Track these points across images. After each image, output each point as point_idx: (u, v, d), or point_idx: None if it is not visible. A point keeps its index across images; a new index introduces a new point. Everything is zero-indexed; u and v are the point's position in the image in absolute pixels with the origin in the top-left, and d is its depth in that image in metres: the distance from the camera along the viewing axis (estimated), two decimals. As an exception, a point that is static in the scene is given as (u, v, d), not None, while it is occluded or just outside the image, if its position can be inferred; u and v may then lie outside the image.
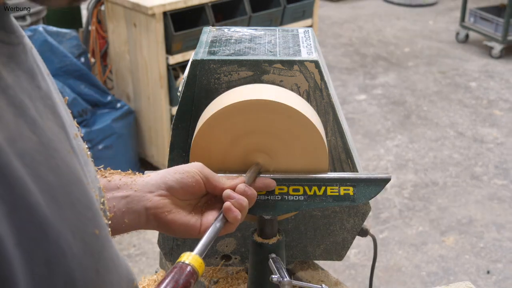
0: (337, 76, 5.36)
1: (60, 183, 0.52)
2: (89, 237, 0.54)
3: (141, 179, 0.93)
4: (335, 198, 1.03)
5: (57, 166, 0.53)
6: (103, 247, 0.57)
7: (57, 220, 0.50)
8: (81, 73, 3.50)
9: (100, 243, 0.56)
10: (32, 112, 0.53)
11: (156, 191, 0.91)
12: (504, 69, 5.47)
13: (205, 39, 1.21)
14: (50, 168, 0.52)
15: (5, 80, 0.51)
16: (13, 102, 0.51)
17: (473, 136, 4.36)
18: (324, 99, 1.13)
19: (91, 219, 0.55)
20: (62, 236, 0.50)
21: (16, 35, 0.56)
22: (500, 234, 3.35)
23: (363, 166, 3.74)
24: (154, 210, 0.90)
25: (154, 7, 3.23)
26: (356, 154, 1.25)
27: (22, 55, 0.56)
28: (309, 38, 1.23)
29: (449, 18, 6.88)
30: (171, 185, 0.91)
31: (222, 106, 1.01)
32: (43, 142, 0.52)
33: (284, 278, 1.00)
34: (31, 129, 0.51)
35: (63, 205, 0.51)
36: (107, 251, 0.58)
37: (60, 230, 0.50)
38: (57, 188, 0.51)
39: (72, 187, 0.54)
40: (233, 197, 0.92)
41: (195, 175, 0.93)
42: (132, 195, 0.90)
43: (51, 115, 0.57)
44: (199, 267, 0.76)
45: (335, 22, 6.79)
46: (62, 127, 0.58)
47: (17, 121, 0.50)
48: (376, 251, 1.27)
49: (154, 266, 3.09)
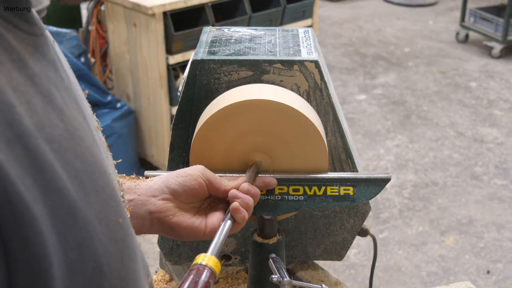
0: (337, 76, 5.36)
1: (86, 170, 0.53)
2: (114, 225, 0.55)
3: (144, 183, 0.93)
4: (335, 198, 1.03)
5: (83, 154, 0.54)
6: (126, 236, 0.57)
7: (84, 205, 0.51)
8: (81, 73, 3.50)
9: (123, 231, 0.57)
10: (59, 100, 0.54)
11: (160, 195, 0.91)
12: (504, 69, 5.47)
13: (205, 39, 1.21)
14: (77, 155, 0.52)
15: (33, 69, 0.53)
16: (41, 90, 0.52)
17: (473, 136, 4.36)
18: (324, 99, 1.13)
19: (114, 207, 0.56)
20: (89, 222, 0.51)
21: (39, 27, 0.57)
22: (500, 234, 3.35)
23: (363, 166, 3.74)
24: (158, 214, 0.90)
25: (154, 7, 3.23)
26: (356, 154, 1.25)
27: (45, 46, 0.57)
28: (309, 38, 1.23)
29: (449, 18, 6.88)
30: (174, 188, 0.91)
31: (222, 106, 1.01)
32: (69, 130, 0.53)
33: (284, 278, 1.00)
34: (58, 117, 0.52)
35: (89, 192, 0.52)
36: (130, 240, 0.58)
37: (88, 216, 0.51)
38: (83, 175, 0.52)
39: (97, 175, 0.55)
40: (240, 197, 0.92)
41: (198, 178, 0.93)
42: (136, 199, 0.90)
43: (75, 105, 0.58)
44: (216, 267, 0.76)
45: (335, 22, 6.79)
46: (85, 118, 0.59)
47: (45, 108, 0.51)
48: (376, 251, 1.27)
49: (154, 266, 3.08)
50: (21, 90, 0.49)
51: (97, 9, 3.79)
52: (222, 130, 1.02)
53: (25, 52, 0.53)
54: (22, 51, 0.53)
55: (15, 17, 0.54)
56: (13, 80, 0.49)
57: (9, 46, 0.51)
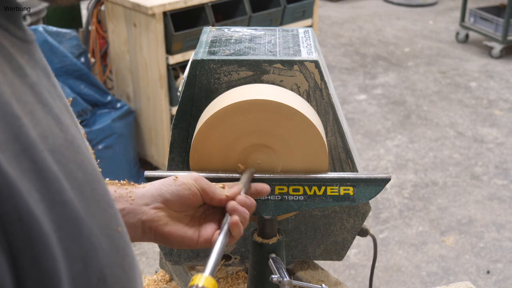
0: (337, 76, 5.36)
1: (86, 180, 0.52)
2: (114, 234, 0.55)
3: (137, 190, 0.91)
4: (335, 198, 1.03)
5: (83, 163, 0.53)
6: (125, 244, 0.57)
7: (88, 216, 0.50)
8: (81, 73, 3.50)
9: (123, 240, 0.56)
10: (55, 109, 0.53)
11: (152, 204, 0.89)
12: (504, 69, 5.47)
13: (205, 39, 1.21)
14: (77, 165, 0.52)
15: (31, 77, 0.52)
16: (41, 99, 0.51)
17: (473, 136, 4.36)
18: (324, 99, 1.13)
19: (113, 216, 0.56)
20: (93, 233, 0.50)
21: (29, 33, 0.56)
22: (500, 234, 3.35)
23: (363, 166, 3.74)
24: (150, 223, 0.89)
25: (154, 7, 3.23)
26: (356, 154, 1.25)
27: (36, 53, 0.56)
28: (309, 38, 1.23)
29: (449, 18, 6.88)
30: (167, 197, 0.90)
31: (222, 106, 1.01)
32: (68, 139, 0.52)
33: (284, 278, 1.00)
34: (57, 126, 0.52)
35: (90, 202, 0.52)
36: (129, 248, 0.58)
37: (91, 227, 0.50)
38: (85, 185, 0.52)
39: (96, 184, 0.54)
40: (239, 211, 0.91)
41: (191, 187, 0.91)
42: (128, 208, 0.88)
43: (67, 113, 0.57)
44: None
45: (335, 22, 6.79)
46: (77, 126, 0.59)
47: (46, 118, 0.50)
48: (376, 251, 1.27)
49: (154, 266, 3.09)
50: (24, 100, 0.48)
51: (97, 9, 3.79)
52: (222, 130, 1.02)
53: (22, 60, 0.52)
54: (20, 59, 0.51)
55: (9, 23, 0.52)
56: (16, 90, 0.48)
57: (8, 54, 0.50)
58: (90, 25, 3.83)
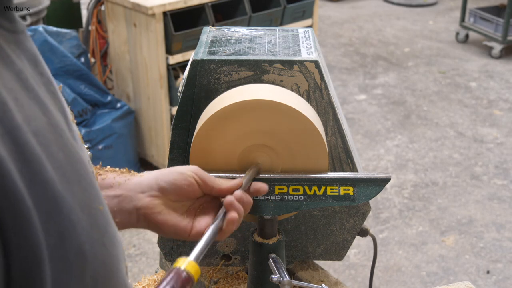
0: (337, 76, 5.36)
1: (68, 161, 0.56)
2: (95, 212, 0.58)
3: (135, 178, 0.93)
4: (335, 198, 1.03)
5: (65, 145, 0.57)
6: (107, 223, 0.60)
7: (68, 195, 0.54)
8: (81, 73, 3.50)
9: (104, 218, 0.59)
10: (41, 95, 0.57)
11: (148, 192, 0.91)
12: (504, 69, 5.47)
13: (205, 39, 1.21)
14: (60, 147, 0.56)
15: (17, 65, 0.56)
16: (26, 85, 0.55)
17: (473, 136, 4.36)
18: (324, 99, 1.13)
19: (95, 195, 0.59)
20: (72, 211, 0.54)
21: (20, 23, 0.60)
22: (500, 234, 3.35)
23: (363, 166, 3.74)
24: (144, 210, 0.90)
25: (154, 7, 3.23)
26: (356, 154, 1.25)
27: (25, 42, 0.60)
28: (309, 38, 1.23)
29: (449, 18, 6.88)
30: (163, 186, 0.91)
31: (222, 106, 1.01)
32: (51, 123, 0.56)
33: (284, 278, 1.00)
34: (41, 111, 0.56)
35: (71, 182, 0.55)
36: (111, 226, 0.61)
37: (71, 205, 0.54)
38: (66, 166, 0.55)
39: (77, 165, 0.58)
40: (235, 206, 0.91)
41: (189, 178, 0.92)
42: (124, 195, 0.90)
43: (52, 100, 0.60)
44: (195, 273, 0.76)
45: (335, 22, 6.79)
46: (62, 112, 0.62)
47: (30, 103, 0.54)
48: (376, 251, 1.27)
49: (154, 266, 3.09)
50: (9, 86, 0.52)
51: (97, 9, 3.79)
52: (222, 130, 1.02)
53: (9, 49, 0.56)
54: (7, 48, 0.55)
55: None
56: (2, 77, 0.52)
57: None
58: (90, 25, 3.83)
